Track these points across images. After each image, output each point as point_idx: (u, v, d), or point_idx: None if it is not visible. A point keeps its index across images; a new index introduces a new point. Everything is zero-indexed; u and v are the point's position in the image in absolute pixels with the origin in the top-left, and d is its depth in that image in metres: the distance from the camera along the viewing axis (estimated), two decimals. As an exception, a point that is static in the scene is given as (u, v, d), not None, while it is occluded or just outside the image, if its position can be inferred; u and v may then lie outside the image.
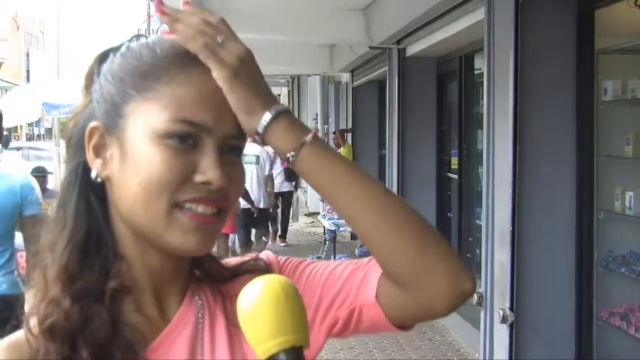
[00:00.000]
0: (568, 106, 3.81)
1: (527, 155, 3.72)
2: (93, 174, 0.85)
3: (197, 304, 0.90)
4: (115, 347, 0.80)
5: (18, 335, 0.82)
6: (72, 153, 0.88)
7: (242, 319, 0.74)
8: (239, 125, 0.84)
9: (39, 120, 20.31)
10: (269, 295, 0.73)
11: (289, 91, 16.90)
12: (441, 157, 7.33)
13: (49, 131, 24.37)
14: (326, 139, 12.25)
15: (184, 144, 0.81)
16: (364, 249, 6.10)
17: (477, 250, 5.87)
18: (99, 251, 0.85)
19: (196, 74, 0.83)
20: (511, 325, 3.71)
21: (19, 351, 0.80)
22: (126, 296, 0.85)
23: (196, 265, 0.93)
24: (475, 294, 4.15)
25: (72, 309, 0.80)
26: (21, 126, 30.72)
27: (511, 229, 3.69)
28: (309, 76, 13.11)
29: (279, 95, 16.95)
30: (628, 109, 3.99)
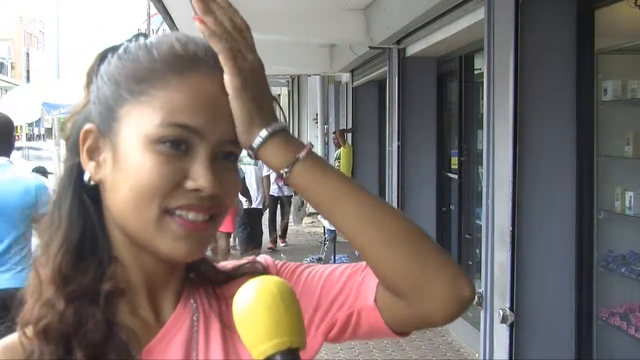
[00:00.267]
0: (568, 106, 3.81)
1: (527, 155, 3.72)
2: (86, 177, 0.85)
3: (192, 307, 0.90)
4: (110, 349, 0.80)
5: (11, 338, 0.81)
6: (69, 153, 0.88)
7: (238, 320, 0.74)
8: (234, 131, 0.83)
9: (39, 120, 20.32)
10: (265, 296, 0.72)
11: (289, 91, 16.88)
12: (441, 157, 7.33)
13: (49, 131, 24.37)
14: (326, 138, 12.27)
15: (176, 150, 0.80)
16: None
17: (477, 250, 5.87)
18: (93, 253, 0.84)
19: (192, 79, 0.82)
20: (511, 325, 3.71)
21: (13, 353, 0.79)
22: (121, 298, 0.85)
23: (191, 268, 0.92)
24: (475, 294, 4.15)
25: (67, 310, 0.79)
26: (21, 126, 30.73)
27: (511, 229, 3.69)
28: (309, 76, 13.10)
29: (279, 95, 16.93)
30: (628, 109, 3.99)
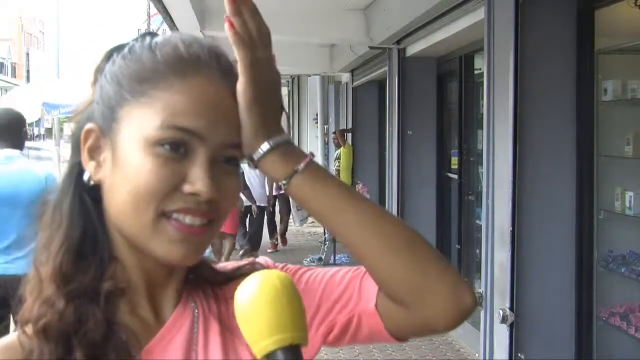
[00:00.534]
0: (568, 106, 3.81)
1: (527, 155, 3.72)
2: (85, 177, 0.85)
3: (192, 308, 0.90)
4: (110, 348, 0.80)
5: (11, 336, 0.81)
6: (72, 152, 0.88)
7: (239, 315, 0.72)
8: (235, 135, 0.83)
9: (39, 120, 20.32)
10: (267, 290, 0.71)
11: (289, 91, 16.87)
12: (441, 157, 7.33)
13: (49, 131, 24.36)
14: (326, 138, 12.26)
15: (175, 153, 0.79)
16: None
17: (477, 250, 5.87)
18: (94, 253, 0.84)
19: (195, 81, 0.81)
20: (511, 325, 3.71)
21: (12, 353, 0.79)
22: (121, 298, 0.84)
23: (190, 269, 0.92)
24: (475, 294, 4.15)
25: (67, 309, 0.79)
26: (21, 126, 30.66)
27: (511, 229, 3.69)
28: (309, 76, 13.09)
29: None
30: (628, 109, 3.99)
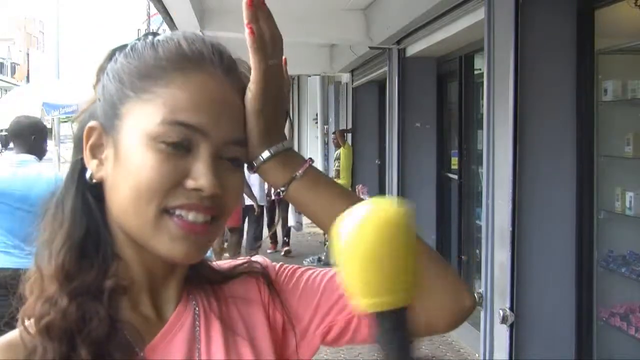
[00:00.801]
0: (568, 106, 3.81)
1: (527, 155, 3.72)
2: (87, 175, 0.85)
3: (193, 306, 0.90)
4: (114, 345, 0.79)
5: (12, 334, 0.80)
6: (74, 151, 0.88)
7: (349, 252, 0.58)
8: (239, 132, 0.83)
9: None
10: (398, 234, 0.55)
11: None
12: (441, 157, 7.33)
13: (49, 131, 24.34)
14: (326, 138, 12.25)
15: (177, 149, 0.79)
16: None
17: (477, 250, 5.87)
18: (97, 251, 0.84)
19: (197, 78, 0.81)
20: (511, 325, 3.71)
21: (14, 351, 0.78)
22: (123, 296, 0.84)
23: (193, 269, 0.92)
24: (475, 294, 4.15)
25: (70, 307, 0.79)
26: (21, 126, 30.65)
27: (511, 229, 3.69)
28: (309, 76, 13.08)
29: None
30: (628, 109, 3.99)
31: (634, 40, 3.90)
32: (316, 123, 12.76)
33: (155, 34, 0.88)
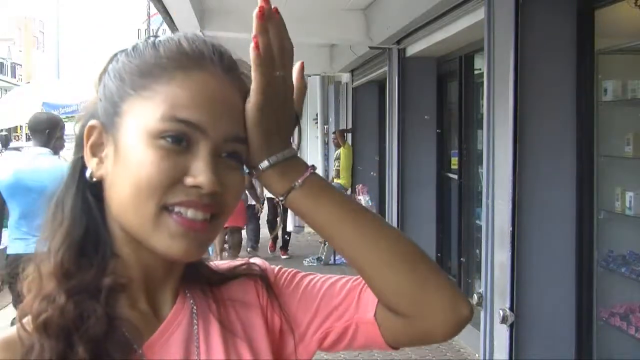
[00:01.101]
0: (568, 106, 3.81)
1: (527, 155, 3.72)
2: (88, 173, 0.85)
3: (190, 304, 0.90)
4: (112, 343, 0.79)
5: (9, 332, 0.80)
6: (75, 150, 0.88)
7: None
8: (238, 130, 0.83)
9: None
10: None
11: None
12: (441, 157, 7.33)
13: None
14: (326, 138, 12.25)
15: (177, 145, 0.79)
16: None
17: (477, 250, 5.87)
18: (96, 249, 0.84)
19: (197, 76, 0.81)
20: (511, 325, 3.71)
21: (12, 349, 0.78)
22: (121, 294, 0.84)
23: (188, 266, 0.92)
24: (475, 294, 4.15)
25: (67, 305, 0.79)
26: (21, 126, 30.70)
27: (511, 229, 3.69)
28: (309, 76, 13.08)
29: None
30: (628, 109, 3.99)
31: (634, 40, 3.90)
32: (316, 123, 12.76)
33: (157, 36, 0.88)
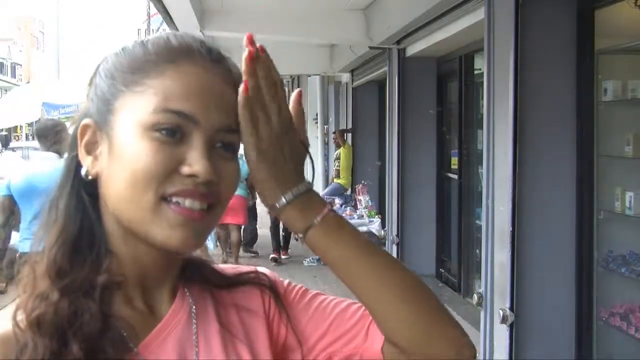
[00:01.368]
0: (568, 106, 3.81)
1: (527, 155, 3.72)
2: (83, 171, 0.85)
3: (189, 304, 0.90)
4: (106, 342, 0.79)
5: (5, 330, 0.79)
6: (68, 150, 0.89)
7: None
8: (230, 120, 0.83)
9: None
10: None
11: (288, 91, 16.83)
12: (441, 157, 7.33)
13: (49, 131, 24.28)
14: (326, 138, 12.26)
15: (171, 137, 0.80)
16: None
17: (477, 250, 5.87)
18: (91, 247, 0.84)
19: (187, 68, 0.82)
20: (511, 325, 3.71)
21: (6, 347, 0.78)
22: (116, 292, 0.84)
23: (192, 269, 0.93)
24: (475, 294, 4.15)
25: (61, 302, 0.79)
26: (21, 126, 30.71)
27: (511, 229, 3.69)
28: (309, 76, 13.09)
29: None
30: (628, 109, 3.99)
31: (634, 40, 3.90)
32: (316, 123, 12.76)
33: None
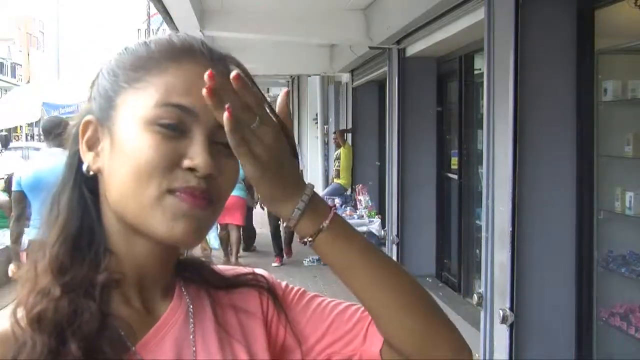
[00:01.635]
0: (568, 106, 3.81)
1: (527, 155, 3.72)
2: (84, 167, 0.86)
3: (187, 304, 0.90)
4: (105, 341, 0.79)
5: (3, 329, 0.79)
6: (70, 147, 0.89)
7: None
8: None
9: (39, 120, 20.35)
10: None
11: (288, 91, 16.85)
12: (441, 157, 7.33)
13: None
14: (326, 138, 12.26)
15: (173, 131, 0.80)
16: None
17: (477, 250, 5.87)
18: (90, 245, 0.84)
19: (188, 65, 0.83)
20: (511, 325, 3.71)
21: (5, 345, 0.78)
22: (114, 291, 0.85)
23: (190, 270, 0.93)
24: (475, 294, 4.15)
25: (62, 300, 0.79)
26: (21, 126, 30.74)
27: (511, 229, 3.69)
28: (309, 76, 13.09)
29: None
30: (628, 109, 3.99)
31: (634, 40, 3.90)
32: (316, 123, 12.77)
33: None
